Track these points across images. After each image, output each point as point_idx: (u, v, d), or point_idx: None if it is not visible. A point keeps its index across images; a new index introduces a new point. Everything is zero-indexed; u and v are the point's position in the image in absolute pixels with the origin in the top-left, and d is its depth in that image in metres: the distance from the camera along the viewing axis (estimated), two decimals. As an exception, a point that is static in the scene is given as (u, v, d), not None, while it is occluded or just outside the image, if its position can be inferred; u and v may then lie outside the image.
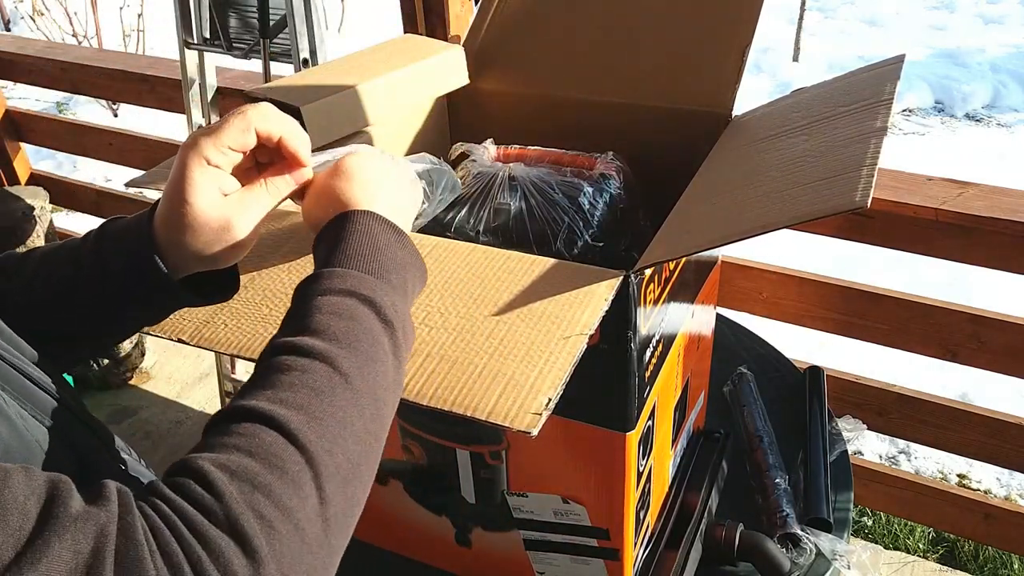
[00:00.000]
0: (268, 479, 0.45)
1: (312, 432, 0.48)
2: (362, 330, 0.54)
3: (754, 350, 1.35)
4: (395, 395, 0.56)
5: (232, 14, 1.75)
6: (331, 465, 0.48)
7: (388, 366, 0.55)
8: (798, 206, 0.66)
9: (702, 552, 0.98)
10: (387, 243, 0.59)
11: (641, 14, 1.06)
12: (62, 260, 0.65)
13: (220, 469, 0.45)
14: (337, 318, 0.54)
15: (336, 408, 0.50)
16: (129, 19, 4.49)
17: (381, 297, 0.56)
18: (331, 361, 0.51)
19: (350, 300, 0.55)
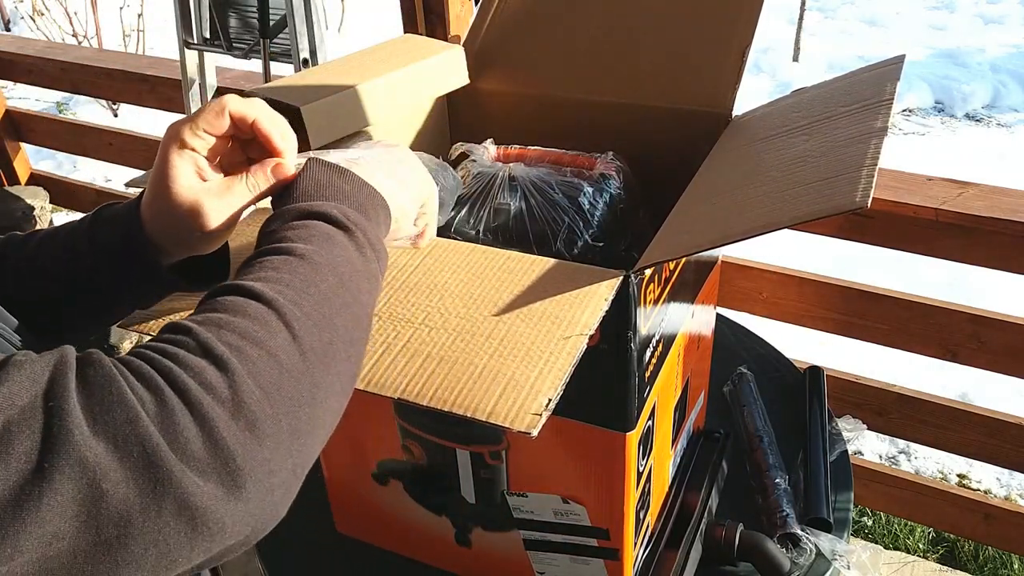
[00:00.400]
0: (234, 319, 0.47)
1: (272, 289, 0.50)
2: (316, 231, 0.55)
3: (754, 350, 1.35)
4: (368, 279, 0.56)
5: (232, 14, 1.75)
6: (297, 312, 0.49)
7: (349, 252, 0.56)
8: (798, 206, 0.66)
9: (702, 552, 0.98)
10: (329, 179, 0.60)
11: (641, 14, 1.06)
12: (61, 240, 0.65)
13: (188, 321, 0.47)
14: (291, 231, 0.55)
15: (297, 278, 0.51)
16: (129, 19, 4.49)
17: (328, 208, 0.57)
18: (290, 249, 0.53)
19: (302, 223, 0.56)
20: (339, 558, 1.04)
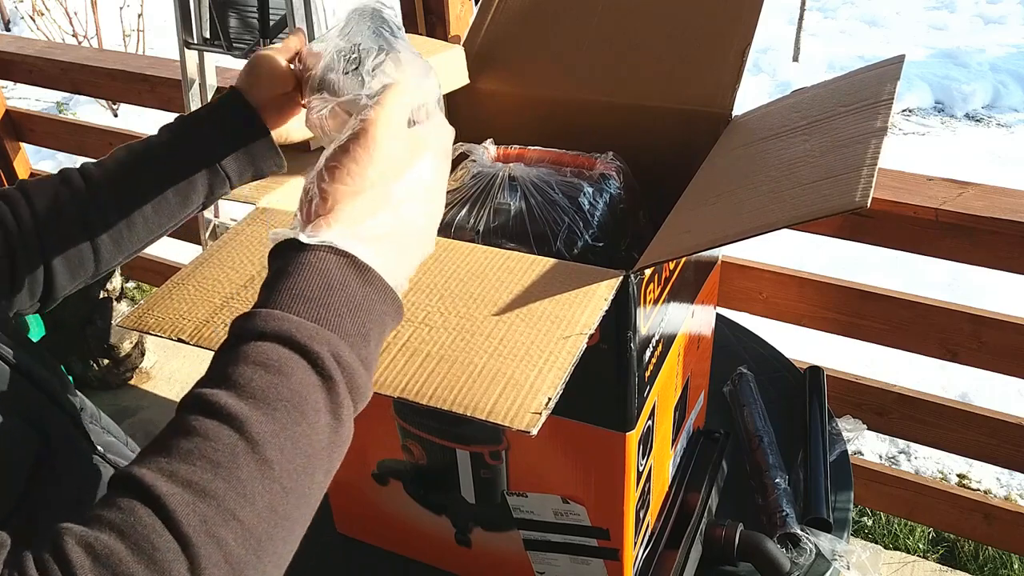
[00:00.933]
0: (132, 568, 0.41)
1: (195, 516, 0.43)
2: (288, 387, 0.48)
3: (754, 350, 1.35)
4: (330, 457, 0.51)
5: (232, 14, 1.75)
6: (215, 555, 0.43)
7: (319, 427, 0.49)
8: (798, 206, 0.66)
9: (702, 552, 0.98)
10: (343, 281, 0.52)
11: (641, 14, 1.06)
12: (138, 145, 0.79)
13: (84, 549, 0.42)
14: (262, 370, 0.48)
15: (235, 483, 0.45)
16: (129, 19, 4.49)
17: (319, 346, 0.50)
18: (241, 426, 0.46)
19: (282, 349, 0.49)
20: (339, 558, 1.04)
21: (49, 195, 0.74)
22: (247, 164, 0.79)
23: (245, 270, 0.76)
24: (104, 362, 2.42)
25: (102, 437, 0.79)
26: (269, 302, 0.51)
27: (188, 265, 0.78)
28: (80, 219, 0.74)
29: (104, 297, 2.41)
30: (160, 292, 0.74)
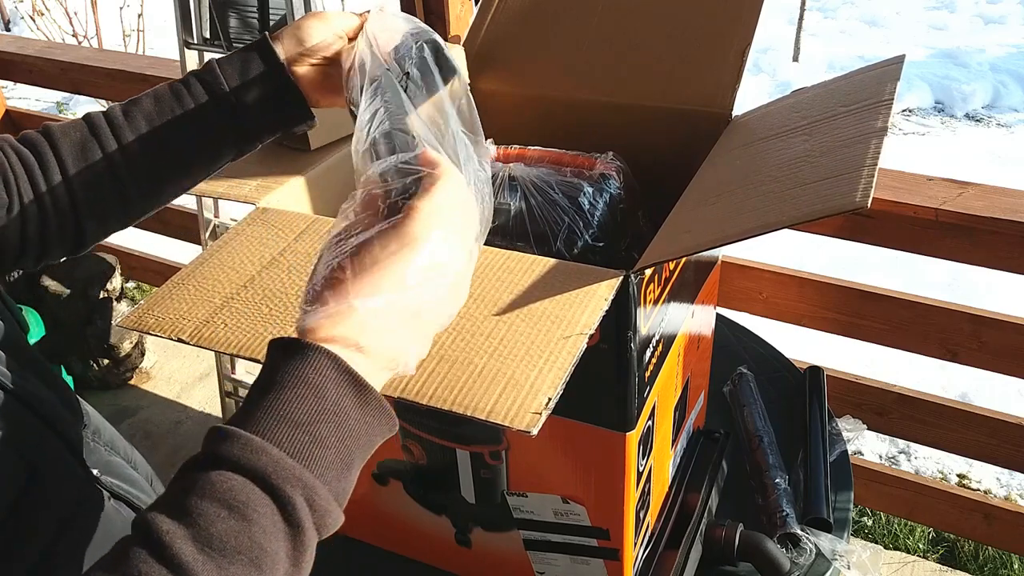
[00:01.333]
0: None
1: None
2: (250, 536, 0.45)
3: (754, 350, 1.35)
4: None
5: (232, 14, 1.75)
6: None
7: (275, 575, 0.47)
8: (798, 206, 0.66)
9: (702, 552, 0.98)
10: (337, 404, 0.48)
11: (641, 14, 1.06)
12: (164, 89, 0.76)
13: None
14: (227, 512, 0.44)
15: None
16: (129, 19, 4.49)
17: (293, 491, 0.46)
18: None
19: (253, 490, 0.45)
20: (339, 558, 1.04)
21: (76, 143, 0.72)
22: (278, 124, 0.78)
23: (245, 270, 0.76)
24: (104, 362, 2.42)
25: (103, 457, 0.78)
26: (253, 420, 0.47)
27: (188, 265, 0.78)
28: (109, 170, 0.73)
29: (104, 297, 2.41)
30: (160, 292, 0.74)
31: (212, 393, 2.39)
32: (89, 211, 0.74)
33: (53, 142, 0.72)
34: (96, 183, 0.73)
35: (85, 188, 0.72)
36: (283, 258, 0.77)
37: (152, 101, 0.74)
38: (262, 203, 0.86)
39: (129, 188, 0.74)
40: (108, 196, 0.74)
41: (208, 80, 0.74)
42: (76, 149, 0.72)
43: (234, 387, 2.16)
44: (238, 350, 0.67)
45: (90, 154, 0.72)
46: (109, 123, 0.73)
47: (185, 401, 2.40)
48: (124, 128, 0.73)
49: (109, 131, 0.73)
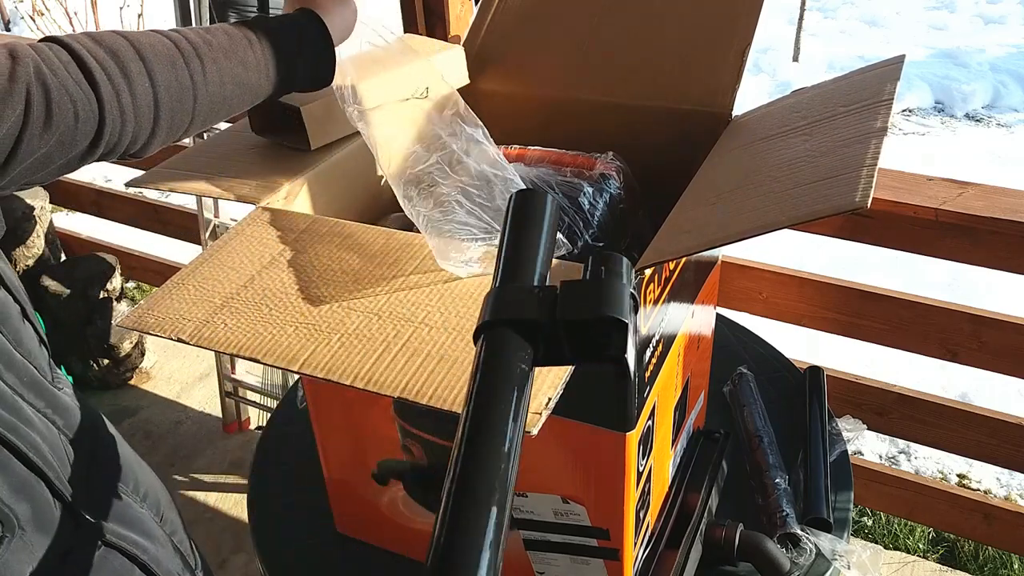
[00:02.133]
0: None
1: None
2: None
3: (754, 350, 1.35)
4: None
5: (232, 14, 1.75)
6: None
7: None
8: (798, 206, 0.66)
9: (702, 552, 0.98)
10: None
11: (641, 14, 1.06)
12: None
13: None
14: None
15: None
16: (129, 19, 4.49)
17: None
18: None
19: None
20: (339, 558, 1.04)
21: (166, 55, 0.74)
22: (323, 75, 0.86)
23: (245, 270, 0.76)
24: (104, 362, 2.42)
25: (103, 496, 0.76)
26: None
27: (188, 265, 0.78)
28: (190, 82, 0.75)
29: (104, 297, 2.41)
30: (160, 292, 0.74)
31: (212, 393, 2.39)
32: (168, 123, 0.74)
33: (142, 53, 0.72)
34: (178, 95, 0.74)
35: (167, 98, 0.73)
36: (283, 258, 0.77)
37: (227, 36, 0.79)
38: (262, 203, 0.86)
39: (200, 104, 0.77)
40: (184, 107, 0.76)
41: (275, 30, 0.82)
42: (165, 65, 0.73)
43: (234, 387, 2.16)
44: (238, 350, 0.67)
45: (175, 69, 0.74)
46: (195, 48, 0.76)
47: (185, 401, 2.40)
48: (205, 55, 0.76)
49: (194, 54, 0.76)
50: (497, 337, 0.45)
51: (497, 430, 0.42)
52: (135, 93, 0.69)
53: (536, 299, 0.46)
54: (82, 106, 0.65)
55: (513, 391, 0.43)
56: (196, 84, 0.74)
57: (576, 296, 0.46)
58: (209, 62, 0.75)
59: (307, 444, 1.01)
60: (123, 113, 0.68)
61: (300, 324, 0.70)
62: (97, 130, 0.67)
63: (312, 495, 1.08)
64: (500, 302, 0.46)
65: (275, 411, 1.28)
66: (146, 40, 0.72)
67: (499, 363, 0.44)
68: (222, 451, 2.19)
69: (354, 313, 0.70)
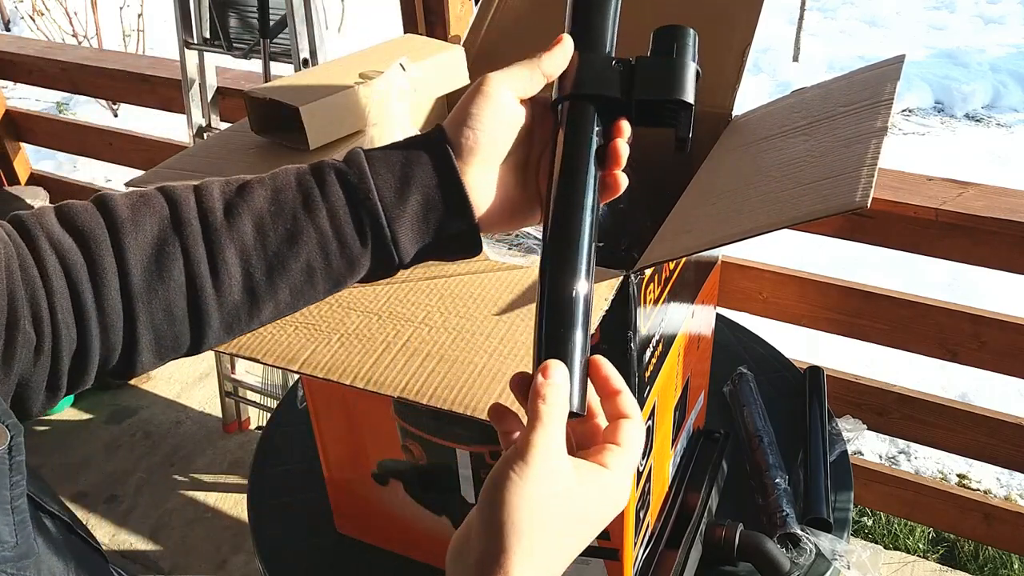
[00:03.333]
0: None
1: None
2: None
3: (754, 350, 1.35)
4: None
5: (232, 14, 1.75)
6: None
7: None
8: (798, 206, 0.66)
9: (702, 552, 0.98)
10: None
11: (640, 14, 1.06)
12: None
13: None
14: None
15: None
16: (129, 19, 4.49)
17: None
18: None
19: None
20: (339, 558, 1.04)
21: (150, 244, 0.51)
22: (433, 250, 0.55)
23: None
24: (104, 362, 2.42)
25: None
26: None
27: (188, 265, 0.78)
28: (191, 292, 0.51)
29: (104, 297, 2.41)
30: (160, 292, 0.74)
31: (212, 393, 2.39)
32: (151, 344, 0.53)
33: (117, 238, 0.50)
34: (169, 309, 0.52)
35: (152, 315, 0.51)
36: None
37: (268, 196, 0.53)
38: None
39: (211, 318, 0.53)
40: (180, 327, 0.53)
41: (353, 183, 0.53)
42: (148, 255, 0.50)
43: (234, 387, 2.16)
44: (238, 350, 0.67)
45: (167, 264, 0.51)
46: (202, 220, 0.52)
47: (185, 401, 2.40)
48: (222, 232, 0.51)
49: (200, 232, 0.51)
50: (579, 110, 0.53)
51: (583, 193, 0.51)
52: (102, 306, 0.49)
53: (616, 75, 0.54)
54: None
55: (590, 163, 0.51)
56: (204, 297, 0.52)
57: (650, 75, 0.54)
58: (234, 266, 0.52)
59: (307, 444, 1.01)
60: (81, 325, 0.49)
61: (300, 324, 0.70)
62: None
63: (312, 495, 1.08)
64: (583, 75, 0.54)
65: (275, 411, 1.28)
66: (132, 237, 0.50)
67: (582, 138, 0.51)
68: (222, 451, 2.19)
69: (354, 313, 0.70)
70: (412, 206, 0.52)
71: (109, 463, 2.18)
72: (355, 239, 0.52)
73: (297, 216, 0.52)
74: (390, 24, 2.45)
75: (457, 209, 0.53)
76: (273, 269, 0.52)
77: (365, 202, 0.52)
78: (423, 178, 0.53)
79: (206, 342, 0.55)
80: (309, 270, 0.53)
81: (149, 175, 0.92)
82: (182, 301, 0.51)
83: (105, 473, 2.15)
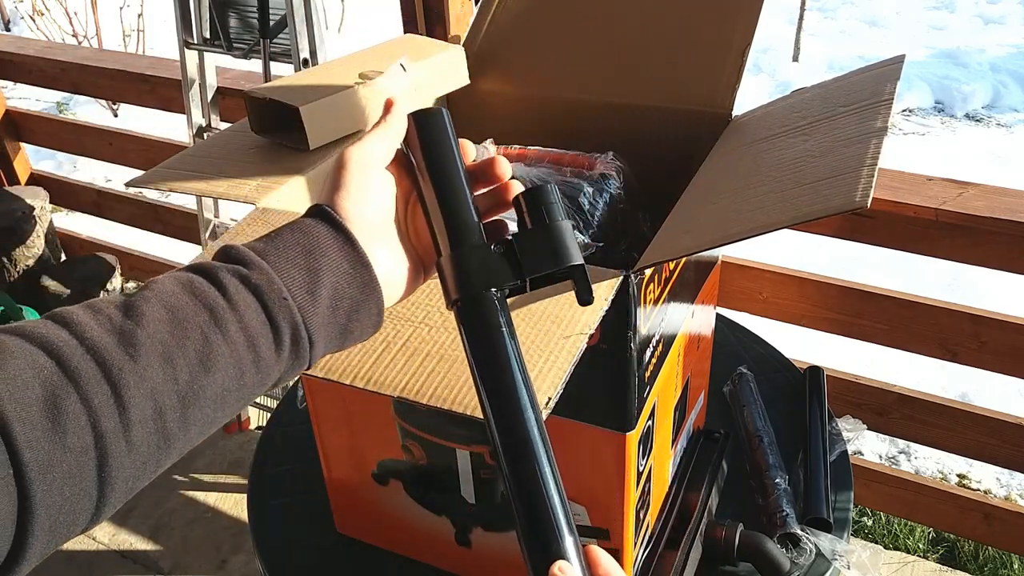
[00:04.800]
0: None
1: None
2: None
3: (754, 350, 1.35)
4: None
5: (232, 14, 1.75)
6: None
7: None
8: (798, 206, 0.66)
9: (702, 552, 0.98)
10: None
11: (641, 14, 1.06)
12: None
13: None
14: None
15: None
16: (129, 19, 4.50)
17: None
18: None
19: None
20: (339, 558, 1.04)
21: (39, 403, 0.38)
22: (337, 344, 0.51)
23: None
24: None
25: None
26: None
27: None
28: (100, 441, 0.40)
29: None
30: (160, 292, 0.74)
31: (212, 393, 2.39)
32: (45, 533, 0.38)
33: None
34: (67, 484, 0.38)
35: (48, 493, 0.38)
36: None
37: (163, 316, 0.43)
38: (262, 203, 0.86)
39: (119, 480, 0.41)
40: (80, 499, 0.39)
41: (260, 285, 0.46)
42: (39, 422, 0.38)
43: (234, 387, 2.15)
44: (238, 350, 0.67)
45: (63, 426, 0.38)
46: (101, 365, 0.40)
47: (185, 401, 2.40)
48: (126, 374, 0.41)
49: (103, 381, 0.40)
50: (481, 306, 0.51)
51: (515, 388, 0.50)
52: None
53: (500, 260, 0.52)
54: None
55: (509, 348, 0.50)
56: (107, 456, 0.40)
57: (533, 250, 0.52)
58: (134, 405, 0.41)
59: (307, 444, 1.01)
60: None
61: (300, 324, 0.70)
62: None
63: (312, 495, 1.08)
64: (470, 271, 0.51)
65: (275, 411, 1.28)
66: None
67: (495, 332, 0.50)
68: (222, 451, 2.19)
69: (354, 313, 0.70)
70: (324, 301, 0.48)
71: (109, 463, 2.18)
72: (271, 350, 0.46)
73: (207, 335, 0.44)
74: (390, 24, 2.45)
75: (367, 290, 0.50)
76: (188, 404, 0.43)
77: (281, 305, 0.46)
78: (332, 266, 0.48)
79: (105, 513, 0.42)
80: (223, 395, 0.44)
81: (149, 175, 0.92)
82: (89, 469, 0.39)
83: (105, 473, 2.15)
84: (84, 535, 1.97)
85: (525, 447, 0.50)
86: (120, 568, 1.90)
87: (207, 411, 0.44)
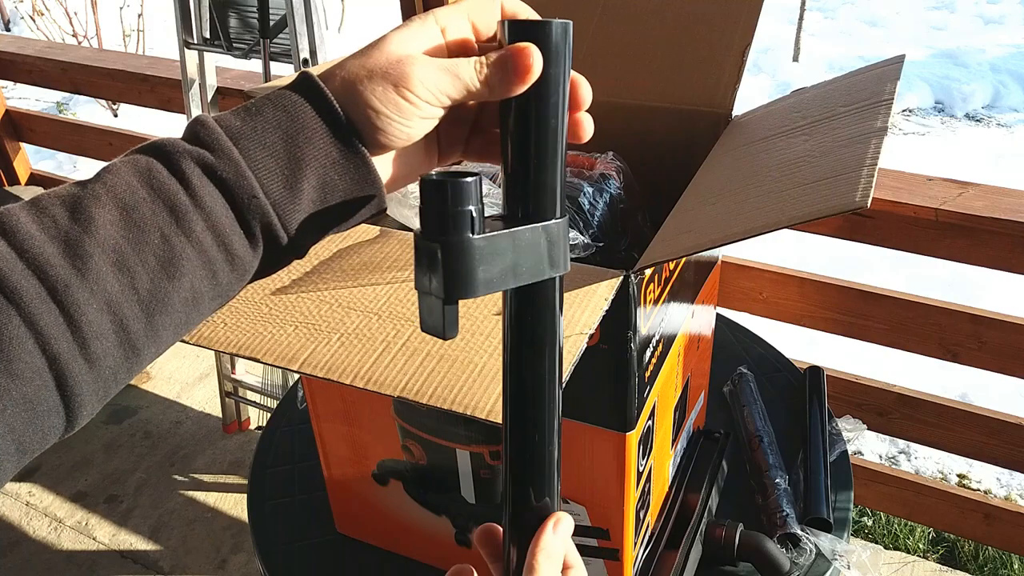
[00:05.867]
0: None
1: None
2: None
3: (754, 350, 1.35)
4: None
5: (232, 14, 1.75)
6: None
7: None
8: (798, 206, 0.66)
9: (702, 552, 0.98)
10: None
11: (641, 14, 1.06)
12: None
13: None
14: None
15: None
16: (129, 19, 4.50)
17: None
18: None
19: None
20: (339, 558, 1.04)
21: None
22: (334, 228, 0.46)
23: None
24: (104, 362, 2.41)
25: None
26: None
27: (188, 265, 0.78)
28: (55, 362, 0.37)
29: (104, 297, 2.41)
30: (160, 292, 0.74)
31: (212, 393, 2.39)
32: (13, 453, 0.37)
33: None
34: (30, 407, 0.36)
35: (4, 416, 0.35)
36: (283, 258, 0.77)
37: (117, 219, 0.39)
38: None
39: (85, 395, 0.38)
40: (48, 420, 0.37)
41: (229, 179, 0.41)
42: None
43: (234, 387, 2.16)
44: (238, 349, 0.67)
45: (7, 353, 0.35)
46: (44, 281, 0.36)
47: (185, 401, 2.40)
48: (74, 287, 0.37)
49: (48, 299, 0.36)
50: None
51: None
52: None
53: None
54: None
55: None
56: None
57: None
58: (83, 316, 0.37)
59: (307, 444, 1.01)
60: None
61: (300, 323, 0.70)
62: None
63: (312, 495, 1.08)
64: None
65: (275, 411, 1.28)
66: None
67: None
68: (222, 451, 2.19)
69: (354, 313, 0.70)
70: (307, 195, 0.42)
71: (109, 463, 2.18)
72: (245, 247, 0.42)
73: (168, 237, 0.39)
74: (390, 24, 2.45)
75: (364, 184, 0.43)
76: (153, 311, 0.39)
77: (251, 204, 0.41)
78: (318, 158, 0.42)
79: (81, 422, 0.40)
80: (195, 298, 0.41)
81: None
82: (47, 390, 0.37)
83: (105, 473, 2.15)
84: (84, 535, 1.97)
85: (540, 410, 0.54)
86: (120, 568, 1.90)
87: (178, 316, 0.40)
